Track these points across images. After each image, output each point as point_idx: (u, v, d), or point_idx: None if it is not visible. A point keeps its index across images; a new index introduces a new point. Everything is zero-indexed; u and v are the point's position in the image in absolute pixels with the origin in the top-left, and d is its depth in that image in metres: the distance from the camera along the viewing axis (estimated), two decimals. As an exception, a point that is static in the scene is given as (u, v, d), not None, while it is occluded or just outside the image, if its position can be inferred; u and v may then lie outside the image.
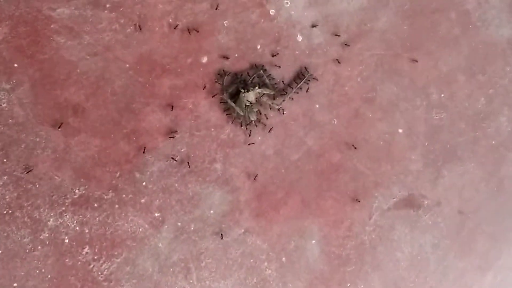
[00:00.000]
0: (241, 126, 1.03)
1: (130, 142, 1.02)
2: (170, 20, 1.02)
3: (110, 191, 1.02)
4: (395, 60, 1.12)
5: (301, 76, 1.07)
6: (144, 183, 1.03)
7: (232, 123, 1.04)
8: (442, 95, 1.16)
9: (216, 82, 1.02)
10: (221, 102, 1.03)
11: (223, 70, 1.02)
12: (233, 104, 1.00)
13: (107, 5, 1.00)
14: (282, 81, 1.07)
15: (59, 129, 0.98)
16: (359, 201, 1.12)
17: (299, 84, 1.06)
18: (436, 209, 1.17)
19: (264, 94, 1.02)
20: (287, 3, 1.07)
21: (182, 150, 1.05)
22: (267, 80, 1.04)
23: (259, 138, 1.08)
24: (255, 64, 1.04)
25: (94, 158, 1.01)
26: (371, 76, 1.11)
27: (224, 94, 1.00)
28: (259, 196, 1.08)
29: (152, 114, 1.03)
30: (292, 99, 1.06)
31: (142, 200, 1.03)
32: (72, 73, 0.99)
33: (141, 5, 1.01)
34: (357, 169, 1.12)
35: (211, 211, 1.06)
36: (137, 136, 1.02)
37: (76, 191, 1.00)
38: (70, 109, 0.99)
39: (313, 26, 1.07)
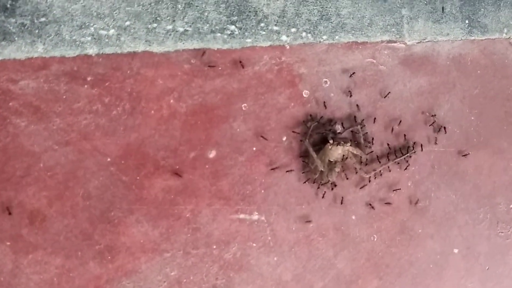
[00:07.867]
0: (313, 182, 0.97)
1: (103, 262, 0.91)
2: (172, 101, 0.93)
3: (71, 329, 0.93)
4: (456, 159, 1.04)
5: (402, 150, 1.02)
6: (117, 319, 0.94)
7: (303, 172, 0.98)
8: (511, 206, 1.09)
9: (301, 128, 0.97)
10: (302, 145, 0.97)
11: (310, 115, 0.97)
12: (314, 154, 0.94)
13: (89, 78, 0.89)
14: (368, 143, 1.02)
15: (8, 244, 0.87)
16: None
17: (399, 158, 1.00)
18: None
19: (352, 154, 0.97)
20: (326, 82, 0.98)
21: (172, 273, 0.93)
22: (362, 140, 0.98)
23: (275, 258, 0.97)
24: (355, 117, 0.98)
25: (52, 283, 0.89)
26: (425, 179, 1.03)
27: (307, 140, 0.95)
28: (269, 337, 0.98)
29: (136, 225, 0.92)
30: (390, 170, 1.01)
31: None
32: (33, 168, 0.89)
33: (134, 80, 0.91)
34: (398, 301, 1.03)
35: None
36: (113, 254, 0.91)
37: (24, 328, 0.91)
38: (26, 217, 0.89)
39: (358, 113, 1.00)
